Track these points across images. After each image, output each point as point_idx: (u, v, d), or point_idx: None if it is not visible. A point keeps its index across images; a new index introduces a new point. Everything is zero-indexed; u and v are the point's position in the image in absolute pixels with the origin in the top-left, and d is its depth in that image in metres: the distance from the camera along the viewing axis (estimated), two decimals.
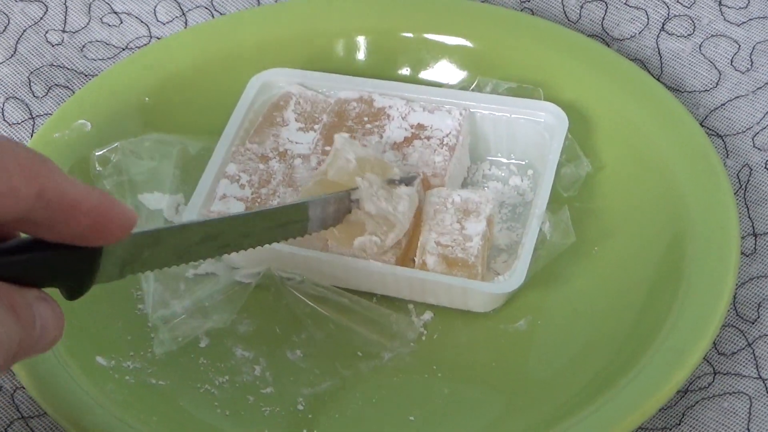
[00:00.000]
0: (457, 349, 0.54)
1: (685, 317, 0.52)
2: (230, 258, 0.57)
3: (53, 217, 0.33)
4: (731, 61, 0.64)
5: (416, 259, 0.55)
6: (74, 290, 0.35)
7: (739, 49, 0.65)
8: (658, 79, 0.63)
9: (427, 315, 0.55)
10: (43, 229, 0.33)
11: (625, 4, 0.67)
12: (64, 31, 0.67)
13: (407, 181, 0.56)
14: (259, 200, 0.57)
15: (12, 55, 0.65)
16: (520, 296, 0.55)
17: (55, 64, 0.66)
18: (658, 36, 0.66)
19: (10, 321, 0.32)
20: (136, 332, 0.54)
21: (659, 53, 0.65)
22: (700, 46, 0.65)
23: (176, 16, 0.68)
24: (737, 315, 0.55)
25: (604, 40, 0.66)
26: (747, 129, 0.62)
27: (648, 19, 0.66)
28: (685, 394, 0.53)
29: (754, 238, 0.58)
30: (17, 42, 0.66)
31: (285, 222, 0.49)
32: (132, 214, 0.35)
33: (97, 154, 0.58)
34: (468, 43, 0.64)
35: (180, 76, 0.63)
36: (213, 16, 0.68)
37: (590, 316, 0.55)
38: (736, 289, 0.56)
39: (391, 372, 0.53)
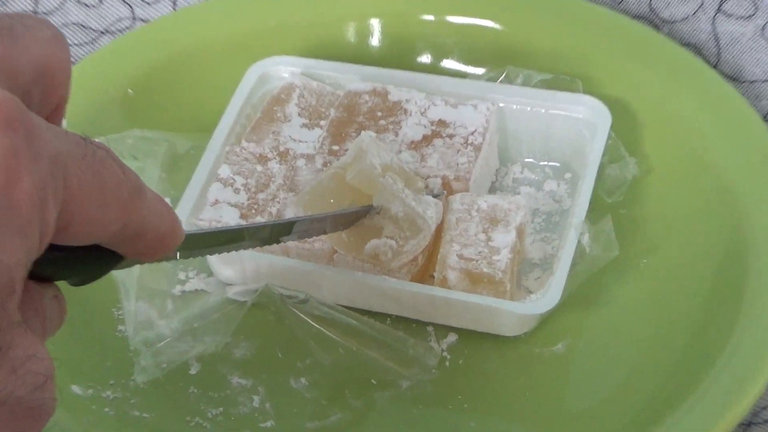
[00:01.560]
0: (485, 376, 0.54)
1: (747, 340, 0.51)
2: (223, 273, 0.57)
3: (117, 243, 0.35)
4: None
5: (436, 275, 0.55)
6: (84, 281, 0.37)
7: None
8: (714, 68, 0.64)
9: (451, 337, 0.55)
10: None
11: None
12: (35, 12, 0.67)
13: (433, 195, 0.57)
14: (255, 206, 0.57)
15: None
16: (557, 317, 0.55)
17: None
18: (714, 17, 0.66)
19: (38, 331, 0.34)
20: (117, 357, 0.54)
21: (716, 37, 0.65)
22: (763, 28, 0.65)
23: None
24: None
25: (652, 22, 0.67)
26: None
27: None
28: (748, 427, 0.53)
29: None
30: None
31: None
32: (182, 234, 0.37)
33: None
34: (497, 27, 0.64)
35: (168, 65, 0.64)
36: None
37: (637, 340, 0.54)
38: None
39: (410, 403, 0.53)
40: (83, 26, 0.67)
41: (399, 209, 0.54)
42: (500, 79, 0.62)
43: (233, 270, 0.57)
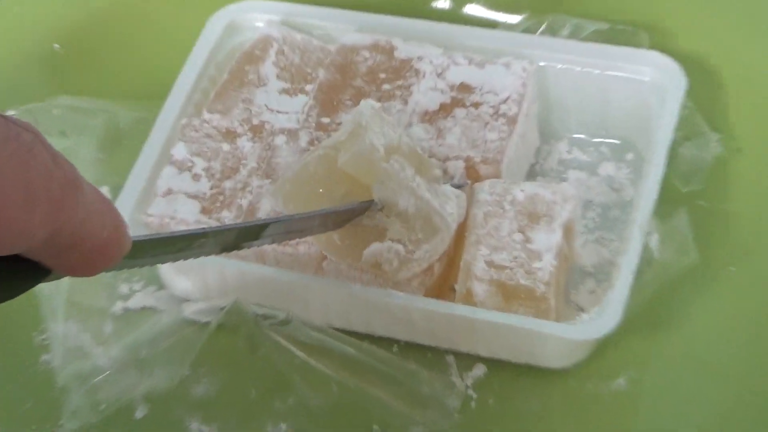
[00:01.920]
0: (524, 420, 0.52)
1: None
2: (178, 286, 0.56)
3: (45, 254, 0.34)
4: None
5: (458, 288, 0.53)
6: (2, 297, 0.36)
7: None
8: None
9: (478, 370, 0.54)
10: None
11: None
12: None
13: (454, 185, 0.55)
14: (221, 198, 0.55)
15: None
16: (617, 344, 0.53)
17: None
18: None
19: None
20: (40, 396, 0.53)
21: None
22: None
23: None
24: None
25: None
26: None
27: None
28: None
29: None
30: None
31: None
32: (128, 242, 0.36)
33: None
34: None
35: (107, 13, 0.64)
36: None
37: (723, 372, 0.53)
38: None
39: None
40: None
41: (408, 204, 0.51)
42: (541, 29, 0.62)
43: (192, 281, 0.55)
